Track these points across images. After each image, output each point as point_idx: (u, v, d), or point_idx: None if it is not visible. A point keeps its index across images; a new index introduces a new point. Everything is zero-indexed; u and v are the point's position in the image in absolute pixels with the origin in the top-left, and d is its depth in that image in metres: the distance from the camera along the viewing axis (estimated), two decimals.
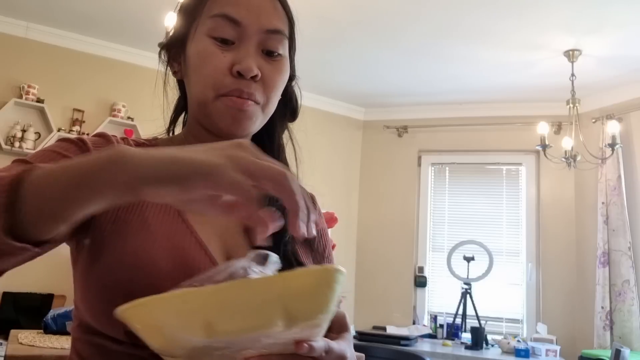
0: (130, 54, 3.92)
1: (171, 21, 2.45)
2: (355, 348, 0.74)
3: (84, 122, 3.72)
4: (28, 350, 1.81)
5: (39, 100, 3.56)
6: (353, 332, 3.95)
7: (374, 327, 4.31)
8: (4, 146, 3.43)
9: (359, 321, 4.40)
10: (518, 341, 3.69)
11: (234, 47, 0.71)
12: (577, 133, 3.55)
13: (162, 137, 0.84)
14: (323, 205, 0.92)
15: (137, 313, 0.45)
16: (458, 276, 4.20)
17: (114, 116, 3.79)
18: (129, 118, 3.82)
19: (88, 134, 3.85)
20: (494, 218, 4.51)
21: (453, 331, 4.03)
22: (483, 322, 3.86)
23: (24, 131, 3.51)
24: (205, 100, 0.72)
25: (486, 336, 3.80)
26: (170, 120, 0.86)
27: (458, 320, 4.04)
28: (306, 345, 0.47)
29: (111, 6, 3.32)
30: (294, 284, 0.44)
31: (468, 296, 4.05)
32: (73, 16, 3.49)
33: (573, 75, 3.53)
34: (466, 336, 3.91)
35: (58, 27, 3.68)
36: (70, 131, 3.64)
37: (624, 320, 3.69)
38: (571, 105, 3.51)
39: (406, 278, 4.56)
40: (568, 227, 4.26)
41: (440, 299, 4.50)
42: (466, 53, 3.65)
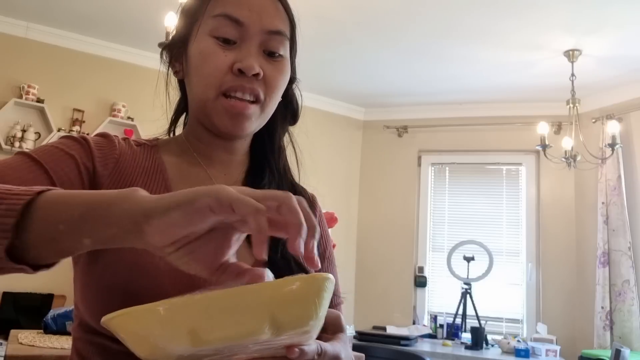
0: (130, 54, 3.92)
1: (171, 21, 2.45)
2: (355, 348, 0.74)
3: (84, 122, 3.72)
4: (28, 350, 1.81)
5: (39, 100, 3.56)
6: (353, 332, 3.95)
7: (374, 327, 4.30)
8: (4, 146, 3.44)
9: (359, 321, 4.40)
10: (518, 341, 3.69)
11: (236, 47, 0.72)
12: (577, 133, 3.54)
13: (163, 138, 0.84)
14: (323, 205, 0.92)
15: (123, 322, 0.44)
16: (458, 276, 4.20)
17: (114, 116, 3.79)
18: (129, 118, 3.82)
19: (88, 134, 3.85)
20: (494, 218, 4.51)
21: (453, 331, 4.03)
22: (483, 322, 3.86)
23: (24, 131, 3.51)
24: (206, 99, 0.72)
25: (486, 336, 3.80)
26: (171, 121, 0.87)
27: (458, 320, 4.04)
28: (297, 349, 0.47)
29: (111, 6, 3.32)
30: (281, 292, 0.43)
31: (468, 296, 4.05)
32: (73, 16, 3.49)
33: (573, 75, 3.52)
34: (466, 336, 3.91)
35: (58, 27, 3.68)
36: (70, 131, 3.63)
37: (624, 320, 3.69)
38: (571, 105, 3.51)
39: (406, 278, 4.56)
40: (568, 227, 4.25)
41: (440, 299, 4.50)
42: (466, 53, 3.65)
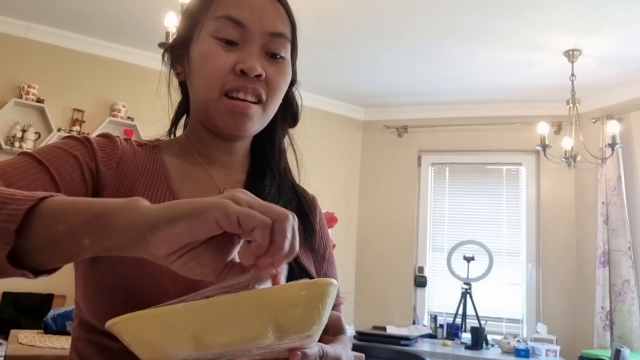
0: (130, 54, 3.92)
1: (171, 21, 2.45)
2: (355, 348, 0.74)
3: (84, 122, 3.71)
4: (28, 350, 1.80)
5: (39, 100, 3.56)
6: (353, 332, 3.95)
7: (374, 327, 4.30)
8: (4, 146, 3.44)
9: (359, 321, 4.40)
10: (518, 341, 3.69)
11: (238, 48, 0.72)
12: (577, 133, 3.54)
13: (164, 139, 0.84)
14: (323, 205, 0.92)
15: (127, 327, 0.44)
16: (458, 276, 4.20)
17: (114, 116, 3.79)
18: (129, 118, 3.82)
19: (89, 134, 3.84)
20: (494, 218, 4.51)
21: (453, 331, 4.03)
22: (483, 322, 3.86)
23: (24, 131, 3.51)
24: (208, 99, 0.73)
25: (486, 336, 3.80)
26: (171, 122, 0.87)
27: (458, 320, 4.04)
28: (299, 353, 0.47)
29: (111, 6, 3.32)
30: (285, 298, 0.43)
31: (468, 296, 4.05)
32: (73, 16, 3.49)
33: (573, 75, 3.52)
34: (466, 336, 3.91)
35: (58, 27, 3.68)
36: (70, 131, 3.63)
37: (624, 320, 3.69)
38: (571, 105, 3.51)
39: (406, 278, 4.56)
40: (568, 227, 4.25)
41: (440, 299, 4.50)
42: (466, 53, 3.65)
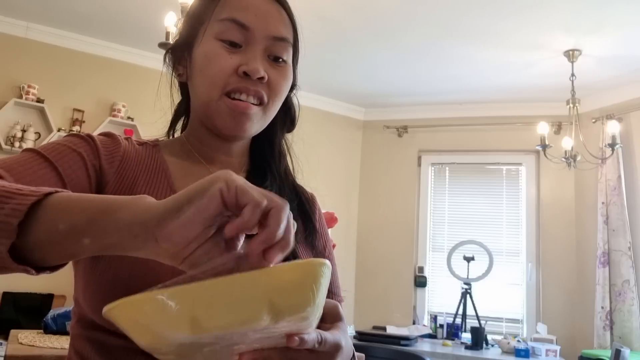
0: (130, 54, 3.92)
1: (171, 21, 2.45)
2: (355, 348, 0.74)
3: (84, 122, 3.71)
4: (28, 350, 1.81)
5: (39, 100, 3.56)
6: (353, 332, 3.95)
7: (374, 327, 4.30)
8: (4, 146, 3.44)
9: (359, 321, 4.40)
10: (518, 341, 3.69)
11: (241, 51, 0.73)
12: (577, 133, 3.54)
13: (163, 139, 0.85)
14: (323, 205, 0.92)
15: (124, 311, 0.45)
16: (458, 276, 4.20)
17: (114, 116, 3.79)
18: (129, 118, 3.82)
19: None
20: (494, 218, 4.51)
21: (453, 331, 4.03)
22: (483, 322, 3.86)
23: (24, 131, 3.51)
24: (209, 99, 0.73)
25: (486, 336, 3.80)
26: (170, 123, 0.88)
27: (458, 320, 4.04)
28: (297, 338, 0.47)
29: (111, 6, 3.32)
30: (279, 279, 0.44)
31: (468, 296, 4.05)
32: (73, 16, 3.49)
33: (573, 75, 3.53)
34: (466, 336, 3.91)
35: (58, 27, 3.68)
36: (70, 131, 3.63)
37: (624, 320, 3.69)
38: (571, 105, 3.51)
39: (406, 278, 4.56)
40: (568, 227, 4.25)
41: (440, 299, 4.50)
42: (466, 53, 3.65)
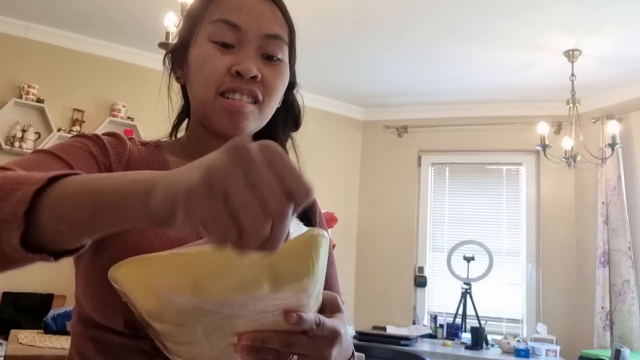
0: (130, 54, 3.92)
1: (171, 21, 2.45)
2: (355, 348, 0.74)
3: (84, 122, 3.71)
4: (28, 350, 1.81)
5: (39, 100, 3.56)
6: (353, 332, 3.95)
7: (374, 327, 4.30)
8: (4, 146, 3.43)
9: (359, 321, 4.40)
10: (518, 341, 3.69)
11: (234, 51, 0.73)
12: (577, 133, 3.54)
13: (166, 140, 0.86)
14: (323, 205, 0.92)
15: (130, 270, 0.46)
16: (458, 276, 4.20)
17: (114, 116, 3.78)
18: (129, 118, 3.82)
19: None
20: (494, 218, 4.51)
21: (453, 331, 4.03)
22: (483, 322, 3.86)
23: (24, 131, 3.51)
24: (205, 99, 0.74)
25: (486, 336, 3.80)
26: (173, 125, 0.89)
27: (458, 320, 4.04)
28: (295, 315, 0.47)
29: (111, 6, 3.32)
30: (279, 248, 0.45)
31: (468, 296, 4.05)
32: (73, 16, 3.49)
33: (573, 75, 3.53)
34: (466, 336, 3.91)
35: (58, 27, 3.67)
36: (70, 131, 3.63)
37: (624, 320, 3.69)
38: (571, 105, 3.51)
39: (406, 278, 4.56)
40: (568, 227, 4.25)
41: (440, 299, 4.50)
42: (466, 53, 3.65)
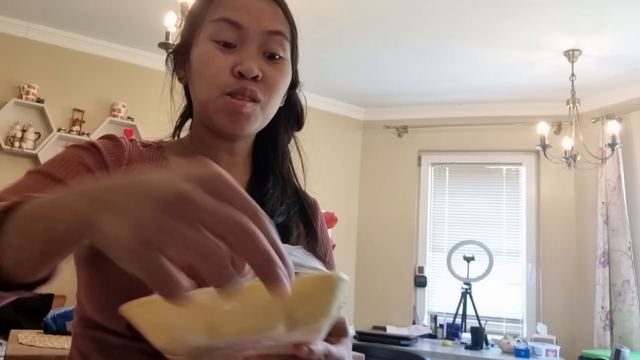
0: (130, 54, 3.91)
1: (171, 21, 2.45)
2: (355, 348, 0.74)
3: (84, 122, 3.71)
4: (28, 350, 1.81)
5: (39, 100, 3.56)
6: (353, 332, 3.95)
7: (374, 327, 4.30)
8: (4, 146, 3.43)
9: (359, 321, 4.40)
10: (518, 341, 3.69)
11: (236, 50, 0.73)
12: (577, 133, 3.54)
13: (168, 141, 0.85)
14: (323, 205, 0.92)
15: (142, 311, 0.45)
16: (458, 276, 4.20)
17: (114, 116, 3.78)
18: (129, 118, 3.82)
19: (88, 134, 3.83)
20: (494, 218, 4.51)
21: (453, 331, 4.03)
22: (483, 322, 3.86)
23: (24, 131, 3.51)
24: (208, 99, 0.74)
25: (486, 336, 3.80)
26: (176, 125, 0.89)
27: (458, 320, 4.04)
28: (306, 348, 0.48)
29: (111, 6, 3.32)
30: (297, 290, 0.44)
31: (468, 296, 4.05)
32: (73, 16, 3.49)
33: (573, 75, 3.52)
34: (466, 336, 3.91)
35: (58, 27, 3.67)
36: (70, 131, 3.63)
37: (624, 320, 3.69)
38: (571, 105, 3.51)
39: (406, 278, 4.56)
40: (568, 227, 4.25)
41: (440, 299, 4.50)
42: (466, 53, 3.65)
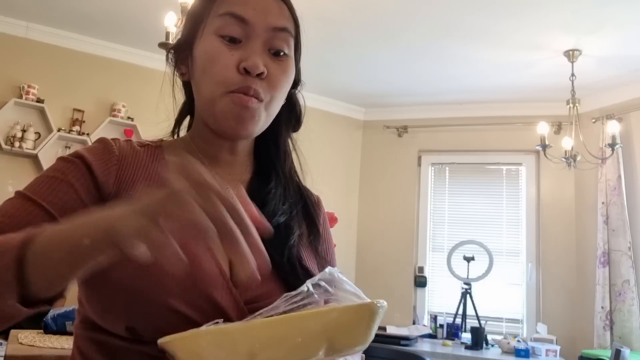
0: (130, 54, 3.91)
1: (171, 21, 2.45)
2: None
3: (84, 122, 3.71)
4: (28, 350, 1.80)
5: (39, 100, 3.56)
6: None
7: None
8: (4, 146, 3.43)
9: None
10: (518, 341, 3.69)
11: (241, 46, 0.72)
12: (577, 133, 3.54)
13: (167, 139, 0.84)
14: (323, 205, 0.92)
15: (182, 344, 0.46)
16: (458, 276, 4.20)
17: (114, 116, 3.78)
18: (129, 118, 3.82)
19: (88, 134, 3.83)
20: (494, 218, 4.50)
21: (453, 331, 4.03)
22: (483, 322, 3.86)
23: (24, 131, 3.51)
24: (212, 97, 0.72)
25: (486, 336, 3.80)
26: (174, 123, 0.87)
27: (458, 320, 4.04)
28: None
29: (111, 6, 3.31)
30: (338, 319, 0.45)
31: (468, 296, 4.05)
32: (73, 16, 3.49)
33: (573, 75, 3.52)
34: (466, 336, 3.91)
35: (58, 27, 3.67)
36: (70, 131, 3.63)
37: (624, 320, 3.69)
38: (571, 105, 3.51)
39: (406, 278, 4.56)
40: (568, 227, 4.25)
41: (440, 299, 4.50)
42: (466, 53, 3.65)
